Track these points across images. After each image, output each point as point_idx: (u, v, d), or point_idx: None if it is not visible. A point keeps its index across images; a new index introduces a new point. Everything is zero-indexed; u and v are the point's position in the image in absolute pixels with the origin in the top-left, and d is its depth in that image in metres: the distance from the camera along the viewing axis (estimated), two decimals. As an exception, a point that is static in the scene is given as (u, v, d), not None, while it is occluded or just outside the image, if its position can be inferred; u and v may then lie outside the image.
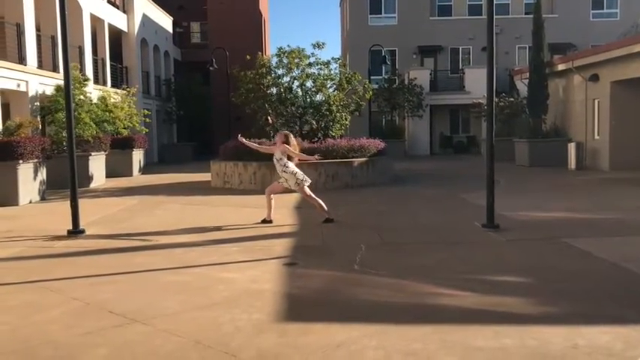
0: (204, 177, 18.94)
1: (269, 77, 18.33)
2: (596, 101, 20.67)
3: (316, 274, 6.77)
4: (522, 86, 25.76)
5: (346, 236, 9.08)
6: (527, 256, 7.50)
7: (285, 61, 18.12)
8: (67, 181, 9.83)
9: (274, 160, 10.28)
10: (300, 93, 18.38)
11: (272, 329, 4.86)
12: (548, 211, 11.31)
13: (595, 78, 20.20)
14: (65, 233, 9.46)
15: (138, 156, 23.02)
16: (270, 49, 50.02)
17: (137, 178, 21.29)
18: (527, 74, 23.90)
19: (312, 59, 18.14)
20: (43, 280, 6.61)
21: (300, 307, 5.59)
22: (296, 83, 18.41)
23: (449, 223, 10.17)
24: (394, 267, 6.98)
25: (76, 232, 9.50)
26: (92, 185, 18.20)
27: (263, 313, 5.28)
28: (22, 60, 18.09)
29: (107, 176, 19.87)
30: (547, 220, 10.23)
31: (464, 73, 33.45)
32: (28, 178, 13.97)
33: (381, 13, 35.47)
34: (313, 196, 10.27)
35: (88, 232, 9.59)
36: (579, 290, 5.91)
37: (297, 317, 5.26)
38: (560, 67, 22.72)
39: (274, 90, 18.54)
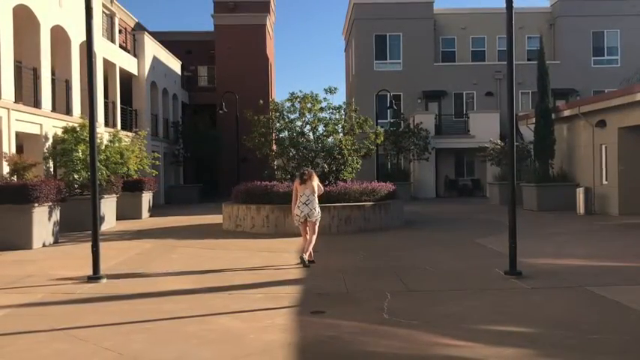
0: (214, 219, 18.90)
1: (282, 121, 18.53)
2: (603, 146, 20.83)
3: (344, 324, 6.69)
4: (527, 131, 25.99)
5: (369, 283, 9.03)
6: (554, 306, 7.44)
7: (297, 105, 18.34)
8: (79, 224, 9.87)
9: (307, 197, 10.68)
10: (312, 137, 18.52)
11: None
12: (568, 257, 11.29)
13: (602, 124, 20.39)
14: (85, 278, 9.42)
15: (147, 198, 23.07)
16: (276, 93, 50.66)
17: (147, 221, 21.26)
18: (533, 119, 24.12)
19: (324, 104, 18.38)
20: (71, 328, 6.55)
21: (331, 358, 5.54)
22: (307, 127, 18.59)
23: (470, 269, 10.12)
24: (423, 316, 6.93)
25: (96, 277, 9.45)
26: (104, 228, 18.13)
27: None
28: (37, 103, 18.33)
29: (117, 218, 19.87)
30: (569, 267, 10.17)
31: (468, 118, 33.82)
32: (43, 221, 13.95)
33: (386, 59, 36.09)
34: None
35: (107, 277, 9.54)
36: (613, 342, 5.86)
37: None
38: (567, 112, 22.96)
39: (286, 133, 18.68)
